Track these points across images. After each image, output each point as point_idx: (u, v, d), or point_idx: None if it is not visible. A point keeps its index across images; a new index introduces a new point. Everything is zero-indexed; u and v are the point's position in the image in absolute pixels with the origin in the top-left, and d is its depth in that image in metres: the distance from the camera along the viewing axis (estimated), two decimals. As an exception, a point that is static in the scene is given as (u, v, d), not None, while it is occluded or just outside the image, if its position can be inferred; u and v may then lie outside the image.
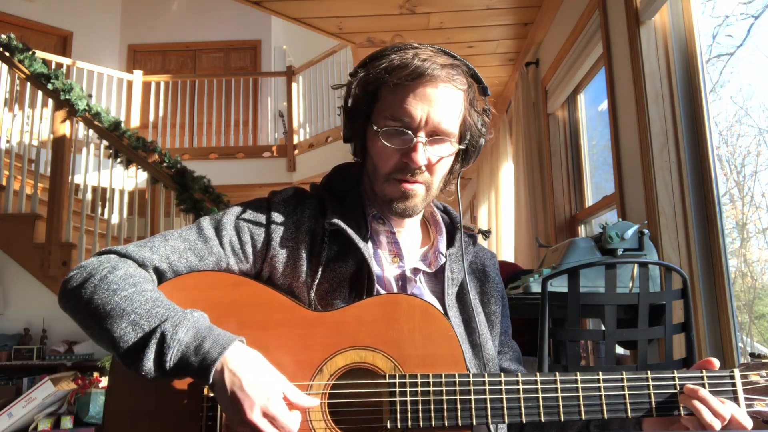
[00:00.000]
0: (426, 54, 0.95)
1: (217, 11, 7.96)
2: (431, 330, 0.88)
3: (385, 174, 0.98)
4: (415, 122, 0.94)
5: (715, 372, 0.90)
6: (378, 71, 0.96)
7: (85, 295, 0.87)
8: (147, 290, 0.87)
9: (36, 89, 4.57)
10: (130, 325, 0.82)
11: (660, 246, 2.04)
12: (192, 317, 0.84)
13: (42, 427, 2.76)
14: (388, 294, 0.95)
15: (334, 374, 0.87)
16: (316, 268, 0.97)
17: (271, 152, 6.90)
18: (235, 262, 0.98)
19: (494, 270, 1.14)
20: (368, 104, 1.00)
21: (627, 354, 2.50)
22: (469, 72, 1.00)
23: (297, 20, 3.50)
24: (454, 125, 0.98)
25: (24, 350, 4.04)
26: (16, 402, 2.81)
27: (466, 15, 3.42)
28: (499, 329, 1.09)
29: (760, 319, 2.25)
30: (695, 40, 2.11)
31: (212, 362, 0.79)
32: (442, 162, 0.99)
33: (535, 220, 3.53)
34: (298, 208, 1.02)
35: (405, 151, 0.95)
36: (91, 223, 4.81)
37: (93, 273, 0.89)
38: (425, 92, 0.94)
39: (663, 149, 2.10)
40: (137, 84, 6.77)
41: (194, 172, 4.50)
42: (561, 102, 3.45)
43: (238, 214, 1.01)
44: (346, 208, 1.02)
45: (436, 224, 1.10)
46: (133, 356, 0.81)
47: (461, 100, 0.98)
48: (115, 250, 0.95)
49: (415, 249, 1.08)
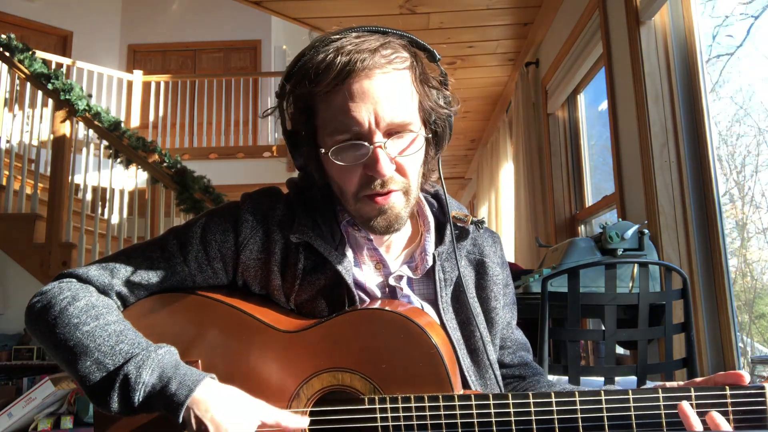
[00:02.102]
0: (349, 44, 0.80)
1: (217, 11, 7.96)
2: (411, 348, 0.80)
3: (353, 194, 0.85)
4: (364, 128, 0.80)
5: (741, 388, 0.72)
6: (303, 84, 0.82)
7: (46, 328, 0.83)
8: (110, 323, 0.83)
9: (36, 89, 4.57)
10: (94, 364, 0.79)
11: (660, 246, 2.04)
12: (156, 355, 0.79)
13: (42, 427, 2.76)
14: (363, 309, 0.85)
15: (311, 399, 0.83)
16: (292, 281, 0.89)
17: (271, 152, 6.89)
18: (203, 279, 0.91)
19: (495, 258, 1.01)
20: (307, 123, 0.86)
21: (627, 354, 2.50)
22: (409, 42, 0.85)
23: (297, 20, 3.50)
24: (411, 112, 0.83)
25: (24, 350, 4.04)
26: (16, 402, 2.81)
27: (466, 15, 3.42)
28: (500, 324, 0.99)
29: (760, 319, 2.25)
30: (695, 40, 2.12)
31: (179, 405, 0.75)
32: (411, 158, 0.85)
33: (535, 220, 3.53)
34: (269, 215, 0.91)
35: (366, 162, 0.81)
36: (91, 223, 4.80)
37: (53, 303, 0.84)
38: (363, 89, 0.79)
39: (663, 149, 2.10)
40: (137, 84, 6.77)
41: (194, 172, 4.50)
42: (561, 102, 3.45)
43: (205, 227, 0.91)
44: (317, 215, 0.91)
45: (424, 218, 0.97)
46: (100, 396, 0.79)
47: (409, 81, 0.84)
48: (75, 274, 0.90)
49: (399, 250, 0.96)
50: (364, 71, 0.79)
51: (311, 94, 0.83)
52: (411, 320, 0.81)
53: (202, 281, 0.92)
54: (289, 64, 0.87)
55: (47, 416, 2.87)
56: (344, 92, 0.80)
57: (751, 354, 2.13)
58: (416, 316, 0.83)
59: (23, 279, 4.21)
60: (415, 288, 0.94)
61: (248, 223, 0.90)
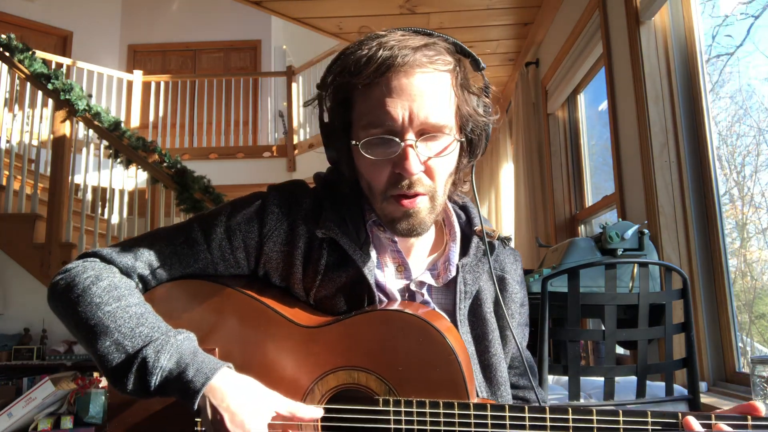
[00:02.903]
0: (393, 40, 0.80)
1: (217, 11, 7.96)
2: (429, 352, 0.79)
3: (381, 191, 0.84)
4: (397, 124, 0.79)
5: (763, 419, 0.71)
6: (343, 75, 0.82)
7: (69, 305, 0.84)
8: (131, 305, 0.83)
9: (36, 89, 4.57)
10: (113, 344, 0.80)
11: (660, 246, 2.04)
12: (176, 341, 0.80)
13: (42, 427, 2.76)
14: (383, 310, 0.84)
15: (325, 395, 0.83)
16: (314, 276, 0.89)
17: (271, 152, 6.90)
18: (225, 267, 0.91)
19: (515, 276, 1.00)
20: (343, 116, 0.86)
21: (627, 354, 2.50)
22: (454, 48, 0.85)
23: (297, 20, 3.50)
24: (447, 115, 0.82)
25: (24, 350, 4.04)
26: (16, 402, 2.81)
27: (466, 15, 3.42)
28: (513, 343, 0.98)
29: (760, 319, 2.25)
30: (695, 40, 2.12)
31: (195, 392, 0.76)
32: (441, 161, 0.83)
33: (535, 220, 3.53)
34: (294, 208, 0.91)
35: (395, 160, 0.81)
36: (91, 223, 4.80)
37: (76, 281, 0.85)
38: (401, 85, 0.79)
39: (663, 149, 2.10)
40: (137, 84, 6.77)
41: (194, 172, 4.50)
42: (561, 102, 3.45)
43: (230, 215, 0.91)
44: (344, 212, 0.90)
45: (451, 227, 0.96)
46: (117, 377, 0.80)
47: (448, 84, 0.83)
48: (100, 254, 0.90)
49: (423, 256, 0.95)
50: (404, 67, 0.79)
51: (350, 86, 0.82)
52: (431, 324, 0.80)
53: (224, 270, 0.91)
54: (334, 57, 0.87)
55: (47, 416, 2.87)
56: (382, 86, 0.80)
57: (751, 354, 2.13)
58: (436, 320, 0.82)
59: (23, 279, 4.22)
60: (434, 297, 0.93)
61: (274, 214, 0.90)
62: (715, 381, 1.94)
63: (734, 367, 1.91)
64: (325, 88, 0.88)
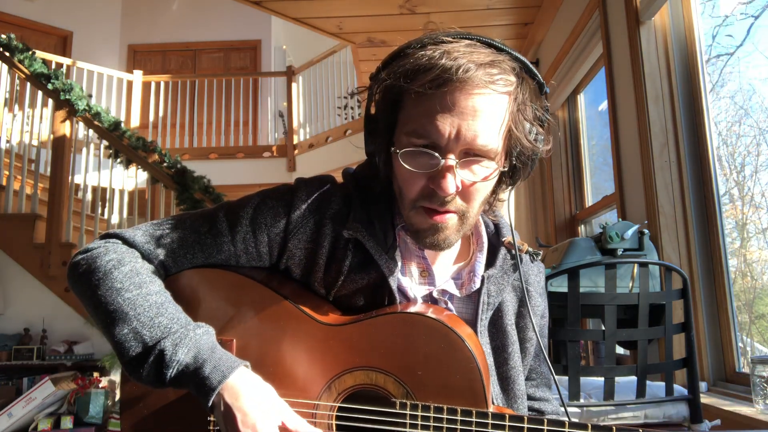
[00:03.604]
0: (458, 51, 0.76)
1: (217, 11, 7.96)
2: (450, 358, 0.78)
3: (412, 200, 0.82)
4: (443, 140, 0.76)
5: None
6: (398, 75, 0.78)
7: (89, 288, 0.84)
8: (152, 293, 0.83)
9: (36, 89, 4.57)
10: (131, 332, 0.79)
11: (660, 246, 2.04)
12: (195, 335, 0.80)
13: (42, 427, 2.76)
14: (405, 313, 0.82)
15: (341, 394, 0.82)
16: (336, 275, 0.87)
17: (271, 152, 6.90)
18: (247, 260, 0.90)
19: (538, 288, 0.99)
20: (390, 115, 0.83)
21: (627, 354, 2.50)
22: (519, 66, 0.80)
23: (297, 20, 3.50)
24: (495, 140, 0.78)
25: (24, 350, 4.03)
26: (16, 402, 2.81)
27: (466, 15, 3.42)
28: (532, 354, 0.97)
29: (760, 319, 2.25)
30: (695, 40, 2.12)
31: (210, 390, 0.76)
32: (479, 186, 0.81)
33: (535, 220, 3.53)
34: (322, 205, 0.89)
35: (432, 175, 0.78)
36: (91, 223, 4.80)
37: (98, 264, 0.85)
38: (455, 100, 0.75)
39: (663, 149, 2.10)
40: (137, 84, 6.77)
41: (194, 172, 4.50)
42: (561, 102, 3.46)
43: (257, 208, 0.90)
44: (372, 213, 0.88)
45: (478, 237, 0.94)
46: (133, 366, 0.79)
47: (505, 107, 0.79)
48: (122, 236, 0.89)
49: (449, 264, 0.93)
50: (463, 84, 0.75)
51: (404, 88, 0.79)
52: (453, 330, 0.79)
53: (246, 262, 0.91)
54: (392, 52, 0.83)
55: (47, 416, 2.87)
56: (436, 97, 0.76)
57: (751, 354, 2.13)
58: (458, 326, 0.81)
59: (23, 279, 4.21)
60: (455, 306, 0.91)
61: (300, 210, 0.89)
62: (715, 381, 1.94)
63: (734, 367, 1.91)
64: (378, 83, 0.83)
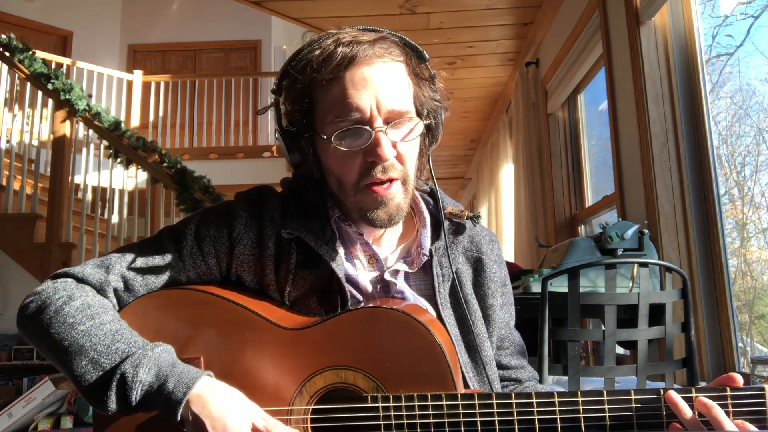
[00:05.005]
0: (348, 36, 0.83)
1: (217, 11, 7.96)
2: (414, 347, 0.80)
3: (353, 183, 0.86)
4: (366, 113, 0.82)
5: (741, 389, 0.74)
6: (303, 75, 0.84)
7: (41, 327, 0.83)
8: (106, 323, 0.82)
9: (36, 89, 4.57)
10: (89, 363, 0.78)
11: (660, 246, 2.04)
12: (153, 354, 0.79)
13: (42, 427, 2.76)
14: (366, 308, 0.84)
15: (313, 396, 0.82)
16: (286, 275, 0.90)
17: (271, 152, 6.89)
18: (197, 274, 0.92)
19: (492, 255, 1.01)
20: (306, 116, 0.87)
21: (627, 354, 2.50)
22: (401, 41, 0.88)
23: (297, 20, 3.50)
24: (408, 101, 0.86)
25: (24, 350, 4.04)
26: (16, 402, 2.81)
27: (466, 15, 3.42)
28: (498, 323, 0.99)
29: (760, 319, 2.25)
30: (695, 40, 2.12)
31: (177, 403, 0.75)
32: (410, 146, 0.87)
33: (535, 220, 3.53)
34: (263, 212, 0.92)
35: (367, 149, 0.83)
36: (91, 223, 4.80)
37: (48, 303, 0.84)
38: (364, 75, 0.82)
39: (663, 149, 2.10)
40: (137, 84, 6.77)
41: (194, 172, 4.50)
42: (561, 102, 3.45)
43: (199, 223, 0.93)
44: (308, 211, 0.92)
45: (420, 213, 0.98)
46: (97, 395, 0.78)
47: (404, 72, 0.87)
48: (71, 273, 0.90)
49: (393, 246, 0.97)
50: (365, 59, 0.82)
51: (311, 85, 0.84)
52: (414, 318, 0.81)
53: (196, 277, 0.92)
54: (285, 62, 0.88)
55: (47, 416, 2.87)
56: (345, 80, 0.82)
57: (751, 354, 2.13)
58: (419, 314, 0.83)
59: (23, 279, 4.21)
60: (413, 283, 0.95)
61: (242, 218, 0.92)
62: (715, 381, 1.94)
63: (734, 367, 1.91)
64: (281, 92, 0.90)
